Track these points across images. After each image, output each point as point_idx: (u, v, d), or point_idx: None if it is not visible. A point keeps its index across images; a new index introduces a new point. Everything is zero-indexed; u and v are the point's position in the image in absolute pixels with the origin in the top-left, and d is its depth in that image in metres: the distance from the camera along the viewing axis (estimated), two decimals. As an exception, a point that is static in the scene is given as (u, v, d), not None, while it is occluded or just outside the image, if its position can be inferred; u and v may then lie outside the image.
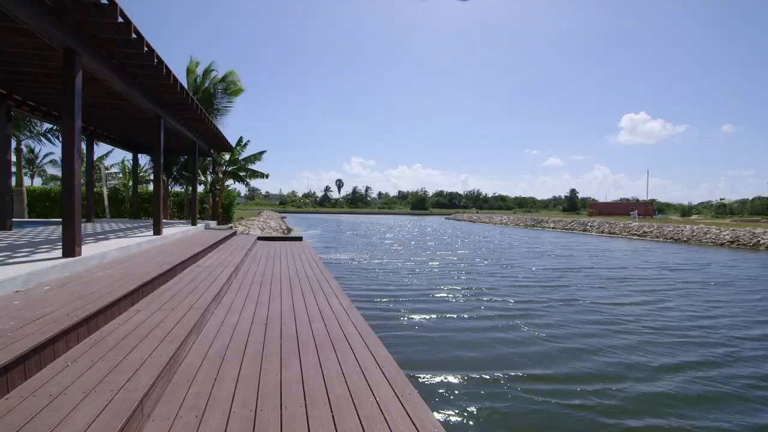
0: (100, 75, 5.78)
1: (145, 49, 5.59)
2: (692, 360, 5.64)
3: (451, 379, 4.83)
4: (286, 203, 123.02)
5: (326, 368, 3.04)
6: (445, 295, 9.38)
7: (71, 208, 4.92)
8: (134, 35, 5.23)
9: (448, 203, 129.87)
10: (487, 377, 4.90)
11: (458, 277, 11.95)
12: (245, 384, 2.74)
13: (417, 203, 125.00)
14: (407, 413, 2.40)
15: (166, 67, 6.52)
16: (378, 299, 8.70)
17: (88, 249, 5.67)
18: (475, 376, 4.93)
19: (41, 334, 2.63)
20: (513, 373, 5.00)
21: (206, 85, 17.75)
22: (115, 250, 5.96)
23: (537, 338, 6.36)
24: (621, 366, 5.38)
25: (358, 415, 2.38)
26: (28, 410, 2.06)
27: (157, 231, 8.44)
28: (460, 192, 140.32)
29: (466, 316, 7.62)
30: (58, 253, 5.06)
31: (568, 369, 5.22)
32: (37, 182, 33.50)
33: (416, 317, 7.38)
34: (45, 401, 2.16)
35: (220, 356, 3.22)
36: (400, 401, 2.55)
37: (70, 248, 4.90)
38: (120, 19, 4.75)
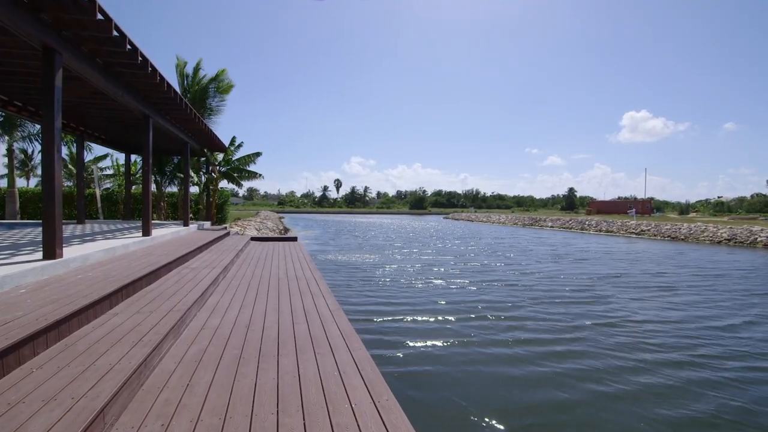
0: (83, 74, 5.67)
1: (128, 47, 5.49)
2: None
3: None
4: (284, 203, 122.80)
5: (304, 372, 2.95)
6: (466, 315, 8.09)
7: (51, 209, 4.82)
8: (116, 33, 5.13)
9: (446, 203, 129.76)
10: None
11: (472, 288, 10.70)
12: (218, 390, 2.65)
13: (415, 203, 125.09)
14: (382, 420, 2.32)
15: (152, 65, 6.41)
16: (380, 318, 7.79)
17: (72, 251, 5.57)
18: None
19: (5, 339, 2.54)
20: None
21: (197, 84, 17.60)
22: (100, 251, 5.86)
23: (582, 378, 5.14)
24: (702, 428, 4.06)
25: (330, 422, 2.29)
26: (-19, 420, 1.97)
27: (146, 232, 8.33)
28: (459, 191, 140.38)
29: (490, 339, 6.54)
30: (41, 255, 4.96)
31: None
32: (33, 183, 33.31)
33: (429, 344, 6.31)
34: (1, 410, 2.07)
35: (196, 361, 3.13)
36: (376, 407, 2.46)
37: (51, 250, 4.80)
38: (99, 16, 4.65)
